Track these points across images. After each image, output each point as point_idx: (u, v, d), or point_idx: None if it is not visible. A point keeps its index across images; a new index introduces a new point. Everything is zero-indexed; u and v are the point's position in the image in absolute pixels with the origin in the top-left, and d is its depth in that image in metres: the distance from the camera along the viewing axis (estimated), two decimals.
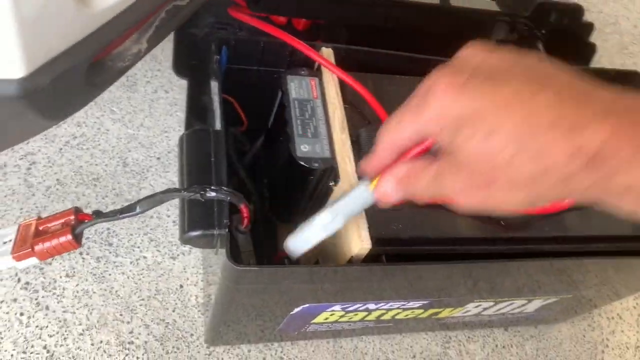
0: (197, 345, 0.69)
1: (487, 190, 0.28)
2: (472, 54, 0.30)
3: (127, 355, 0.66)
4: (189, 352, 0.68)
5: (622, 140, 0.24)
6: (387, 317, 0.65)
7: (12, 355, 0.63)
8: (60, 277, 0.69)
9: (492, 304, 0.65)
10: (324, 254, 0.52)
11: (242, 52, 0.60)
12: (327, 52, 0.59)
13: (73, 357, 0.65)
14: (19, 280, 0.68)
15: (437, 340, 0.77)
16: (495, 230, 0.54)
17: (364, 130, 0.54)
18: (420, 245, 0.50)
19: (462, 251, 0.52)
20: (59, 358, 0.64)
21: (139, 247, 0.73)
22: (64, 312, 0.67)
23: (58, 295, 0.68)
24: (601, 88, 0.27)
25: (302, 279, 0.49)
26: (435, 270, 0.52)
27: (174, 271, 0.73)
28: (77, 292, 0.69)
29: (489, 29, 0.76)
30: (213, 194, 0.45)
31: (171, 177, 0.79)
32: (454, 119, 0.28)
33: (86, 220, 0.45)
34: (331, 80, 0.57)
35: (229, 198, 0.45)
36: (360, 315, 0.62)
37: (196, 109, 0.71)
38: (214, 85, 0.56)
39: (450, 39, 0.73)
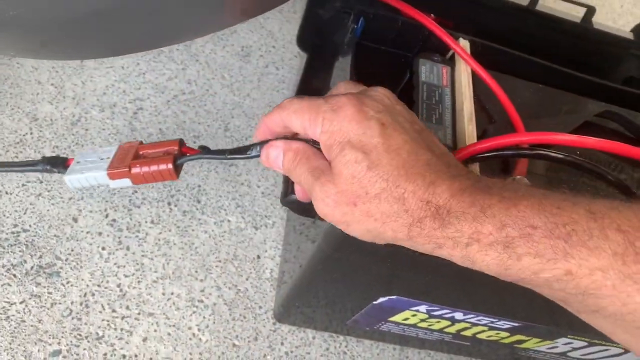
0: (264, 319, 0.67)
1: (347, 208, 0.32)
2: (386, 95, 0.35)
3: (194, 312, 0.65)
4: (254, 323, 0.66)
5: (464, 200, 0.29)
6: (467, 333, 0.61)
7: (87, 285, 0.63)
8: (146, 221, 0.69)
9: (584, 344, 0.60)
10: None
11: (376, 28, 0.58)
12: (464, 43, 0.57)
13: (143, 301, 0.64)
14: (106, 215, 0.68)
15: None
16: None
17: (491, 127, 0.51)
18: None
19: None
20: (130, 299, 0.64)
21: (225, 210, 0.73)
22: (142, 256, 0.67)
23: (140, 239, 0.68)
24: (453, 162, 0.33)
25: (406, 262, 0.46)
26: None
27: (254, 240, 0.72)
28: (159, 240, 0.69)
29: (618, 60, 0.72)
30: None
31: None
32: (347, 141, 0.31)
33: (189, 154, 0.44)
34: (464, 71, 0.54)
35: None
36: (443, 324, 0.58)
37: (309, 84, 0.71)
38: (344, 59, 0.55)
39: (579, 58, 0.70)
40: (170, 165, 0.42)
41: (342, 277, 0.52)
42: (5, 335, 0.58)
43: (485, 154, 0.44)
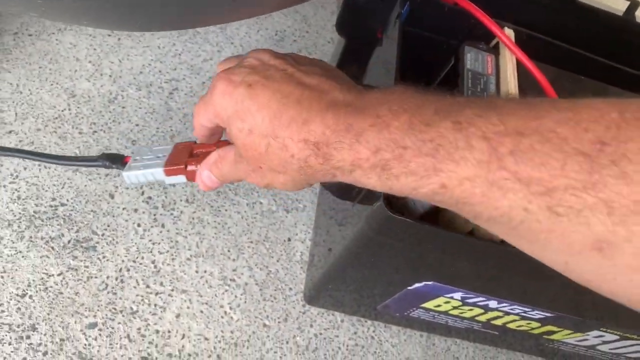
0: (294, 300, 0.68)
1: (260, 172, 0.34)
2: (259, 54, 0.36)
3: (226, 290, 0.66)
4: (285, 304, 0.67)
5: (339, 129, 0.30)
6: (498, 322, 0.61)
7: (122, 260, 0.64)
8: (181, 200, 0.70)
9: (616, 337, 0.60)
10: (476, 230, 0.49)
11: (422, 14, 0.58)
12: (509, 32, 0.56)
13: (176, 278, 0.65)
14: (142, 193, 0.69)
15: None
16: None
17: None
18: None
19: None
20: (164, 276, 0.65)
21: (257, 192, 0.73)
22: (177, 234, 0.68)
23: (175, 217, 0.69)
24: (340, 87, 0.33)
25: (447, 247, 0.46)
26: None
27: (285, 223, 0.73)
28: (193, 218, 0.69)
29: None
30: None
31: None
32: (227, 116, 0.33)
33: None
34: (510, 60, 0.54)
35: None
36: (475, 312, 0.59)
37: (346, 70, 0.71)
38: (391, 42, 0.55)
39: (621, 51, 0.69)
40: None
41: (379, 261, 0.53)
42: (44, 305, 0.59)
43: None
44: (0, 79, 0.72)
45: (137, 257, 0.65)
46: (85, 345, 0.58)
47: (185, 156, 0.44)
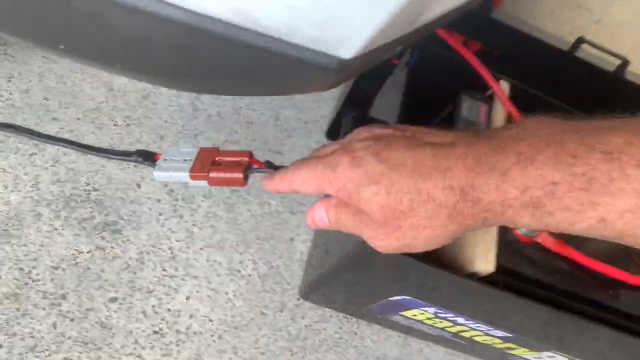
0: (290, 294, 0.77)
1: (400, 232, 0.34)
2: (364, 131, 0.37)
3: (232, 279, 0.75)
4: (282, 297, 0.76)
5: (482, 170, 0.30)
6: (466, 335, 0.70)
7: (143, 244, 0.73)
8: (199, 195, 0.79)
9: (566, 359, 0.69)
10: (446, 261, 0.57)
11: (428, 63, 0.65)
12: (504, 86, 0.64)
13: (189, 265, 0.74)
14: (166, 185, 0.78)
15: None
16: (602, 296, 0.57)
17: None
18: (535, 287, 0.54)
19: (566, 304, 0.56)
20: (178, 262, 0.74)
21: (267, 194, 0.82)
22: (193, 225, 0.77)
23: (193, 210, 0.77)
24: (459, 135, 0.33)
25: (420, 272, 0.55)
26: (539, 312, 0.56)
27: (289, 224, 0.81)
28: (209, 212, 0.78)
29: None
30: None
31: (312, 144, 0.87)
32: (355, 186, 0.34)
33: (256, 166, 0.52)
34: (501, 111, 0.62)
35: None
36: (445, 324, 0.67)
37: (360, 91, 0.78)
38: (399, 82, 0.62)
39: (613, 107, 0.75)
40: (240, 175, 0.50)
41: (365, 276, 0.61)
42: (73, 278, 0.68)
43: None
44: (47, 69, 0.80)
45: (156, 243, 0.74)
46: (107, 316, 0.68)
47: (208, 163, 0.52)
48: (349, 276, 0.64)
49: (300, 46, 0.29)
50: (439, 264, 0.54)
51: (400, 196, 0.32)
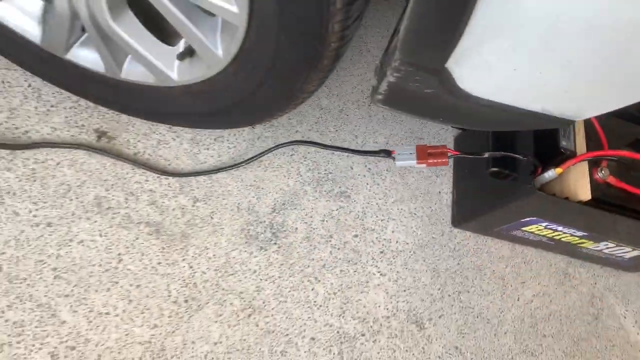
0: (445, 224, 1.27)
1: None
2: None
3: (414, 219, 1.24)
4: (441, 226, 1.26)
5: None
6: (557, 237, 1.21)
7: (361, 203, 1.22)
8: (385, 170, 1.27)
9: (613, 245, 1.21)
10: (559, 194, 1.07)
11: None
12: None
13: (389, 212, 1.23)
14: (365, 165, 1.26)
15: (563, 260, 1.35)
16: None
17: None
18: (611, 206, 1.05)
19: (625, 214, 1.07)
20: (383, 211, 1.23)
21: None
22: (385, 188, 1.25)
23: (382, 179, 1.26)
24: None
25: (553, 203, 1.05)
26: (612, 219, 1.07)
27: (436, 183, 1.31)
28: (391, 181, 1.26)
29: None
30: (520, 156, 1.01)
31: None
32: None
33: (451, 154, 1.03)
34: None
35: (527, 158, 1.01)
36: (547, 232, 1.19)
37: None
38: None
39: None
40: (446, 159, 1.01)
41: (514, 210, 1.11)
42: (332, 225, 1.17)
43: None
44: None
45: (369, 200, 1.22)
46: (355, 243, 1.17)
47: (425, 154, 1.02)
48: (495, 213, 1.14)
49: (554, 116, 0.78)
50: (558, 196, 1.04)
51: None
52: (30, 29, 0.82)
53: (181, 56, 0.85)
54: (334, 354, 1.04)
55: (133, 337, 0.93)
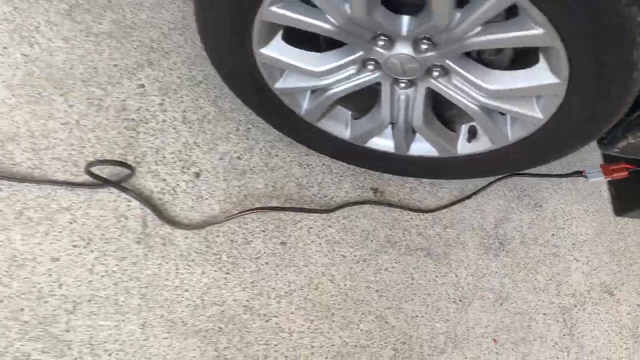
0: (609, 216, 1.68)
1: None
2: None
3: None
4: (607, 218, 1.67)
5: None
6: None
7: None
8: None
9: None
10: None
11: None
12: None
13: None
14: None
15: None
16: None
17: None
18: None
19: None
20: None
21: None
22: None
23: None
24: None
25: None
26: None
27: (597, 184, 1.71)
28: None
29: None
30: None
31: None
32: None
33: (628, 168, 1.43)
34: None
35: None
36: None
37: None
38: None
39: None
40: (626, 173, 1.41)
41: None
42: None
43: None
44: None
45: (557, 208, 1.63)
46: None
47: (609, 171, 1.43)
48: None
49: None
50: None
51: None
52: (388, 144, 1.25)
53: (468, 139, 1.26)
54: (560, 322, 1.47)
55: (435, 331, 1.37)
